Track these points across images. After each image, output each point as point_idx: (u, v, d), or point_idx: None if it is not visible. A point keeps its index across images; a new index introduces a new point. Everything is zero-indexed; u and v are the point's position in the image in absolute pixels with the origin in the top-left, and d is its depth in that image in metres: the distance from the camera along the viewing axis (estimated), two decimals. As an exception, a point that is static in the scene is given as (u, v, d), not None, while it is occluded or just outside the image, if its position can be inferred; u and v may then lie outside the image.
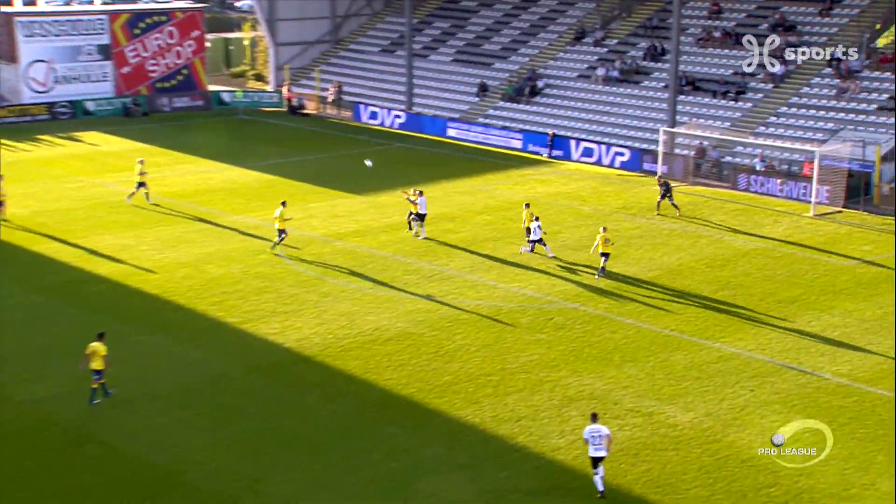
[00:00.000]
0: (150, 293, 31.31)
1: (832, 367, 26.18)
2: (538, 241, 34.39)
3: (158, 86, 63.13)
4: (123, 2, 65.61)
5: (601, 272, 32.69)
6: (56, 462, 21.68)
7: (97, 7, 63.70)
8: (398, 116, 58.27)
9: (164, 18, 63.22)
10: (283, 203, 35.08)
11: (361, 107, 60.03)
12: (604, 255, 32.66)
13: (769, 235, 37.70)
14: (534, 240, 34.40)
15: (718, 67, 53.09)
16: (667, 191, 39.99)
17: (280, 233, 34.49)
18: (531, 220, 34.60)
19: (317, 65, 66.65)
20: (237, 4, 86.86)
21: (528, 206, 36.05)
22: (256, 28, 73.64)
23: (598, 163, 49.46)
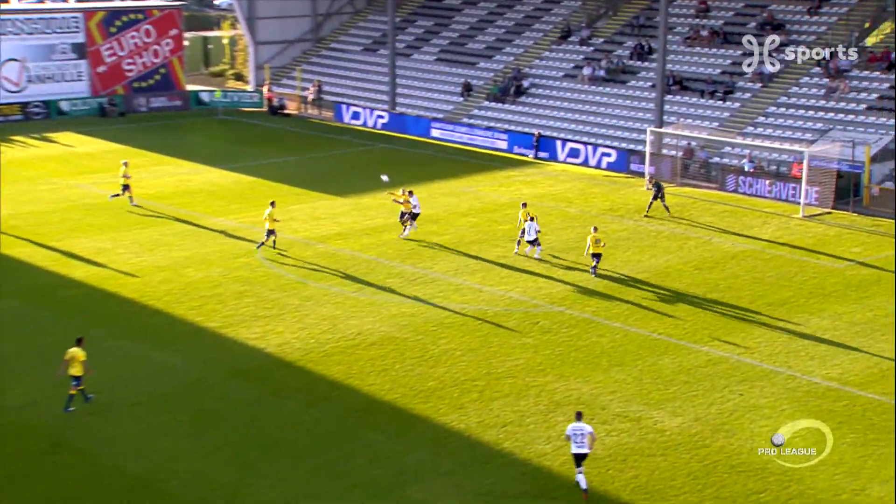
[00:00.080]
0: (128, 297, 31.20)
1: (822, 371, 26.33)
2: (532, 242, 34.53)
3: (135, 85, 62.91)
4: (99, -1, 65.57)
5: (594, 272, 32.89)
6: (30, 470, 21.56)
7: (72, 5, 63.47)
8: (381, 117, 58.28)
9: (141, 16, 63.02)
10: (272, 203, 35.29)
11: (343, 107, 60.01)
12: (595, 256, 32.88)
13: (758, 237, 37.90)
14: (529, 240, 34.58)
15: (706, 67, 53.33)
16: (658, 191, 40.21)
17: (269, 233, 34.68)
18: (527, 220, 34.81)
19: (298, 64, 66.60)
20: (216, 2, 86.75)
21: (525, 206, 36.23)
22: (236, 26, 73.52)
23: (585, 164, 49.60)
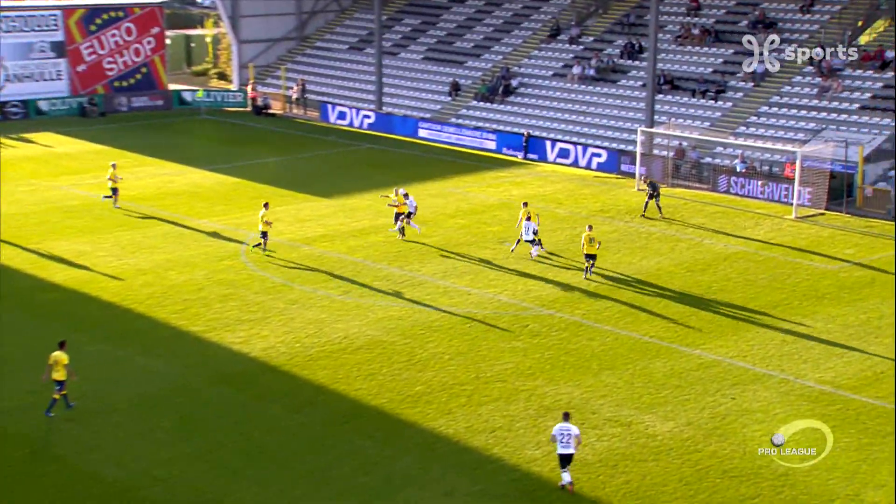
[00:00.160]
0: (109, 301, 31.11)
1: (815, 375, 26.44)
2: (531, 241, 34.76)
3: (116, 85, 62.79)
4: (79, -3, 65.36)
5: (587, 273, 33.07)
6: (8, 478, 21.45)
7: (50, 2, 63.23)
8: (367, 117, 58.28)
9: (122, 14, 62.89)
10: (266, 204, 35.50)
11: (329, 107, 59.99)
12: (589, 257, 33.03)
13: (750, 238, 38.02)
14: (527, 240, 34.82)
15: (697, 66, 53.51)
16: (654, 191, 40.37)
17: (264, 234, 34.91)
18: (525, 219, 35.03)
19: (282, 63, 66.56)
20: (199, 0, 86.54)
21: (527, 205, 36.35)
22: (219, 24, 73.41)
23: (575, 164, 49.71)
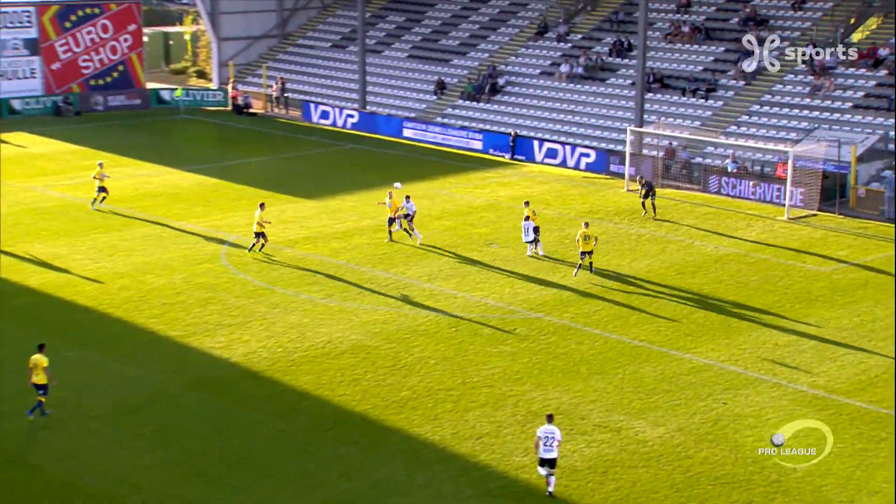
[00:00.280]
0: (85, 305, 30.99)
1: (808, 379, 26.55)
2: (531, 241, 35.06)
3: (92, 83, 62.55)
4: (53, -8, 65.08)
5: (579, 269, 33.37)
6: (-17, 488, 21.39)
7: (24, -2, 63.07)
8: (351, 116, 58.24)
9: (98, 11, 62.65)
10: (262, 205, 35.55)
11: (312, 106, 59.93)
12: (584, 254, 33.33)
13: (742, 240, 38.16)
14: (527, 240, 35.13)
15: (688, 64, 53.68)
16: (649, 190, 40.55)
17: (257, 236, 35.05)
18: (535, 219, 35.42)
19: (263, 61, 66.43)
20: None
21: (528, 204, 36.50)
22: (198, 22, 73.24)
23: (563, 164, 49.80)
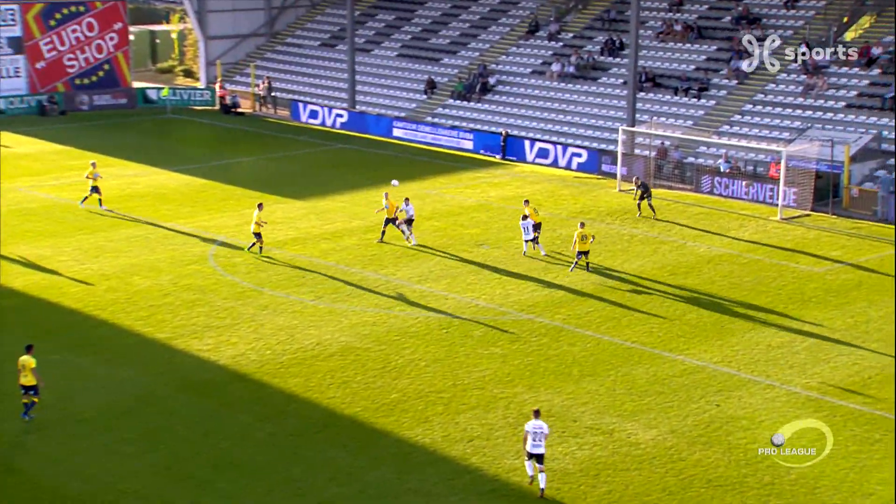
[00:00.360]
0: (71, 307, 30.93)
1: (801, 380, 26.63)
2: (532, 240, 35.27)
3: (77, 82, 62.43)
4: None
5: (577, 266, 33.55)
6: (-33, 493, 21.34)
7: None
8: (340, 116, 58.22)
9: (83, 9, 62.53)
10: (260, 205, 35.80)
11: (300, 105, 59.90)
12: (580, 255, 33.62)
13: (735, 240, 38.26)
14: (527, 239, 35.34)
15: (680, 63, 53.80)
16: (645, 192, 40.69)
17: (257, 236, 35.24)
18: (537, 217, 35.64)
19: (251, 60, 66.37)
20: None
21: (528, 203, 36.66)
22: (185, 20, 73.14)
23: (554, 164, 49.86)
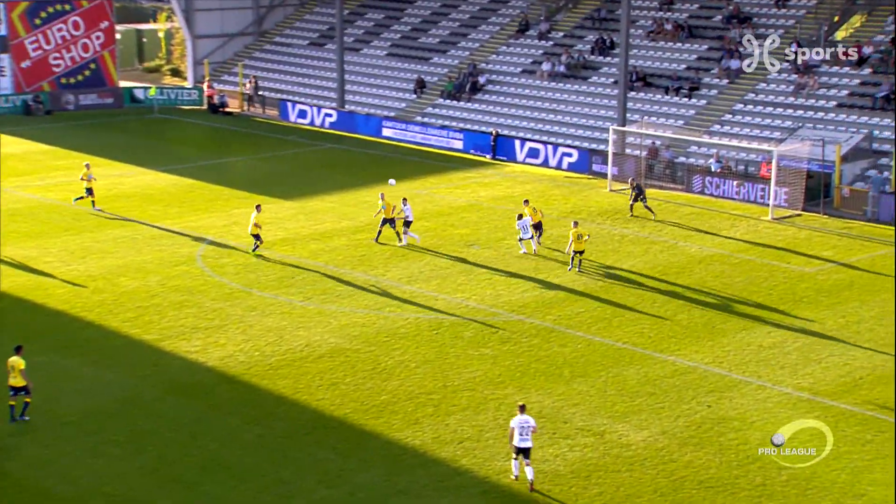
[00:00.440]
0: (57, 309, 30.87)
1: (793, 381, 26.72)
2: (529, 238, 35.43)
3: (63, 81, 62.29)
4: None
5: (574, 268, 33.90)
6: (-48, 496, 21.29)
7: (-7, -6, 62.77)
8: (329, 115, 58.21)
9: (69, 7, 62.38)
10: (258, 207, 36.02)
11: (289, 105, 59.87)
12: (575, 254, 33.86)
13: (726, 240, 38.35)
14: (522, 238, 35.47)
15: (671, 62, 53.93)
16: (639, 193, 40.83)
17: (255, 238, 35.34)
18: (538, 217, 35.81)
19: (239, 59, 66.30)
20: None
21: (528, 203, 36.82)
22: (172, 18, 73.03)
23: (545, 164, 49.93)
